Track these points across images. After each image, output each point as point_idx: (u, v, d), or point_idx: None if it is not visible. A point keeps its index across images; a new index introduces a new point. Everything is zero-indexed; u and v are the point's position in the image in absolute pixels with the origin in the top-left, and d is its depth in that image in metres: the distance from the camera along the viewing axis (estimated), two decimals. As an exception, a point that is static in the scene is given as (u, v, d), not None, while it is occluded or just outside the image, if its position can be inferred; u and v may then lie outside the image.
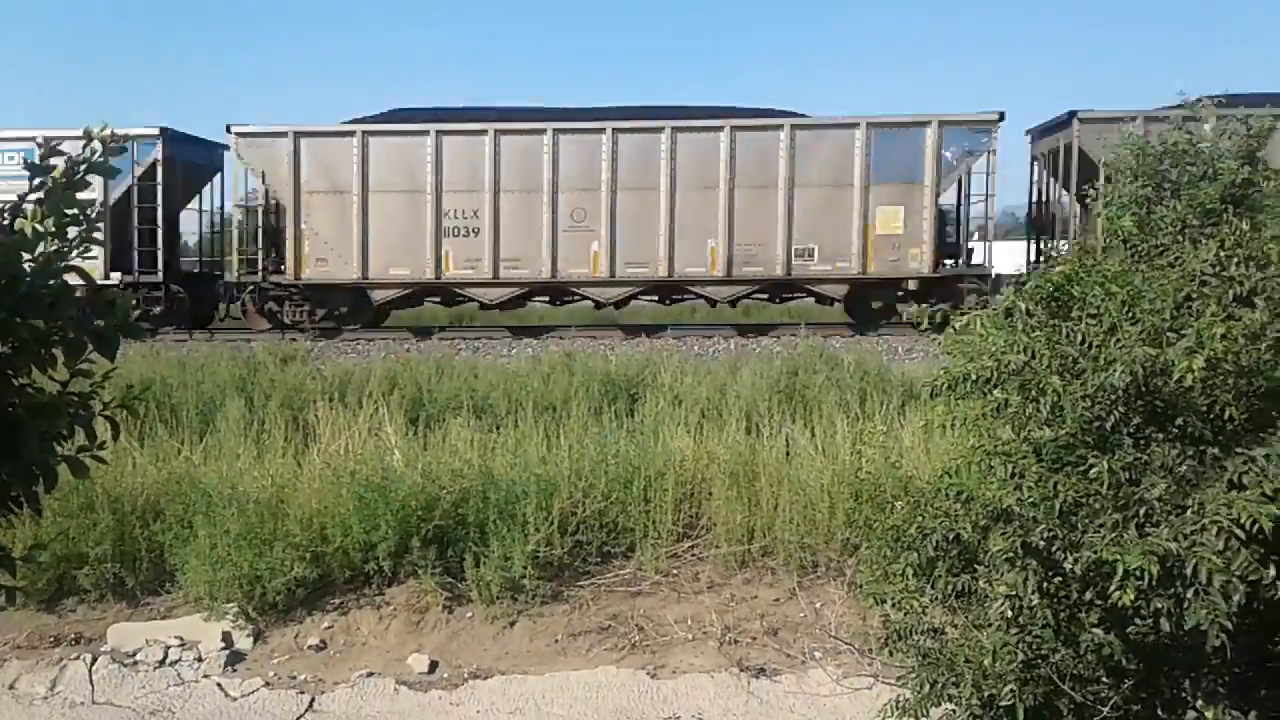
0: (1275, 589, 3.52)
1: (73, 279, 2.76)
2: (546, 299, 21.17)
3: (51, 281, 2.64)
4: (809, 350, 13.93)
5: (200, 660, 8.23)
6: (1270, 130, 4.95)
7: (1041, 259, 20.68)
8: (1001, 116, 19.47)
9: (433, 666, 8.04)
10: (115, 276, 19.98)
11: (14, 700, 7.92)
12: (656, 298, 20.91)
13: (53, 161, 2.75)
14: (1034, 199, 22.05)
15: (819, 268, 19.57)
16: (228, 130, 20.38)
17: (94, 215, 2.77)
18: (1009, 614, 3.86)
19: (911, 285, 19.51)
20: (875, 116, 19.45)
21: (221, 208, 23.65)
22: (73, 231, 2.73)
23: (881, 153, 19.27)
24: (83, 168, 2.77)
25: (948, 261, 19.86)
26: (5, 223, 2.70)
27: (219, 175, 23.28)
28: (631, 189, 19.56)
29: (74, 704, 7.86)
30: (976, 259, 20.35)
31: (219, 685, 7.97)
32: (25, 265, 2.65)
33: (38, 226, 2.64)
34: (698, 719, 7.37)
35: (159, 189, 20.60)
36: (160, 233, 20.72)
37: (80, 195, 2.72)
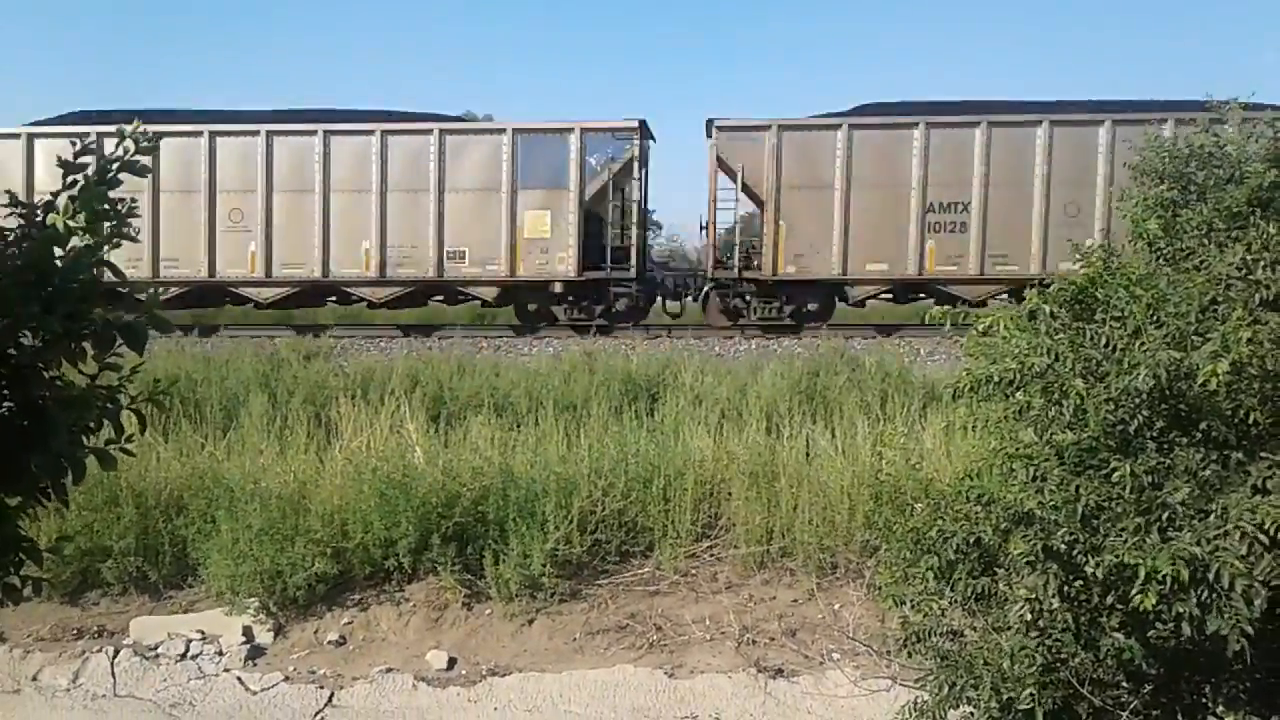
0: (1298, 594, 3.50)
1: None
2: (227, 300, 21.23)
3: (82, 276, 2.67)
4: (830, 351, 13.91)
5: (221, 654, 8.29)
6: None
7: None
8: (641, 124, 19.86)
9: (451, 663, 8.07)
10: None
11: (36, 692, 7.99)
12: (336, 299, 21.20)
13: (85, 159, 2.78)
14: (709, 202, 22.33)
15: (470, 270, 19.85)
16: None
17: (124, 211, 2.81)
18: (1029, 617, 3.85)
19: (558, 288, 19.80)
20: (521, 123, 19.86)
21: None
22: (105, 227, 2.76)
23: (528, 158, 19.59)
24: (115, 165, 2.80)
25: (597, 265, 20.02)
26: (37, 218, 2.73)
27: None
28: (288, 191, 19.85)
29: (96, 696, 7.93)
30: (631, 263, 20.39)
31: (239, 679, 8.03)
32: (56, 260, 2.68)
33: (69, 222, 2.68)
34: (715, 718, 7.37)
35: None
36: None
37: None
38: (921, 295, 20.10)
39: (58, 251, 2.69)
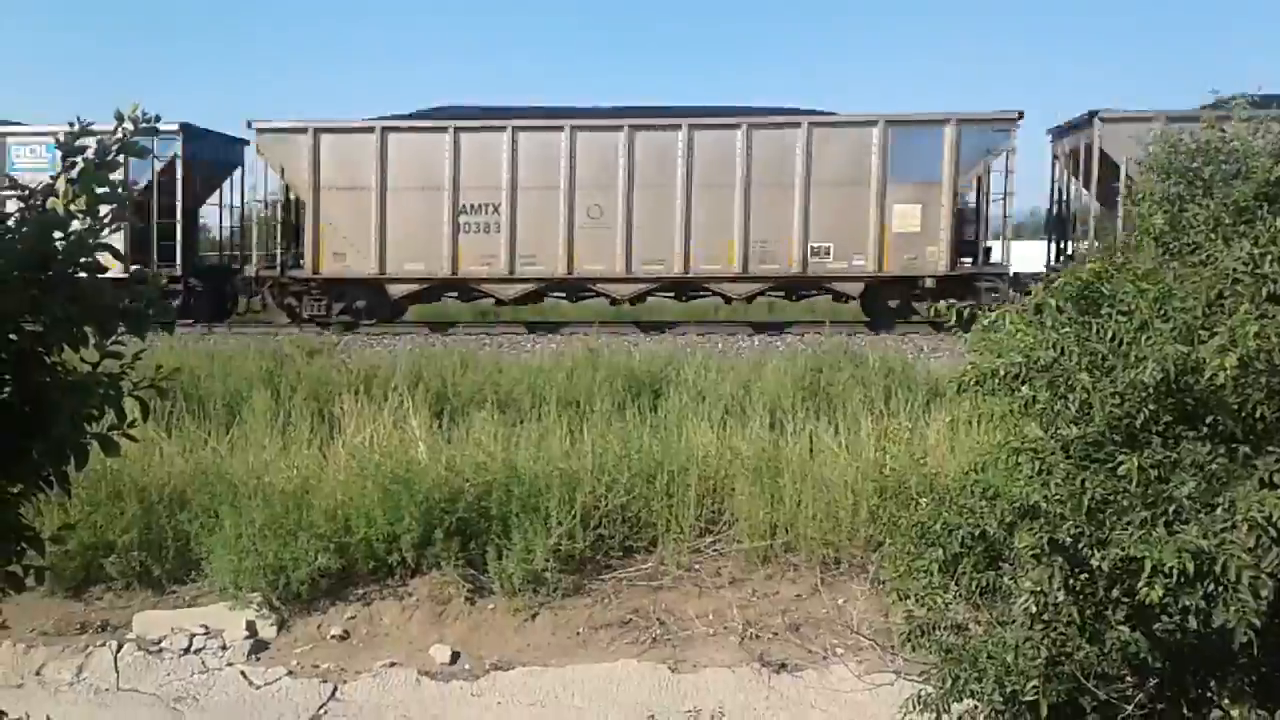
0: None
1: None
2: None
3: (83, 259, 2.66)
4: (833, 347, 13.89)
5: (224, 648, 8.28)
6: None
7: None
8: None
9: (454, 657, 8.06)
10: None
11: (40, 686, 7.99)
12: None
13: (84, 141, 2.77)
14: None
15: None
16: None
17: (124, 195, 2.79)
18: (1034, 610, 3.83)
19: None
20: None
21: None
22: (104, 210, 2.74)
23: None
24: (115, 148, 2.79)
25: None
26: (37, 202, 2.72)
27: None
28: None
29: (99, 690, 7.93)
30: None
31: (243, 673, 8.02)
32: (56, 244, 2.67)
33: (69, 206, 2.66)
34: (718, 713, 7.36)
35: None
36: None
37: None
38: None
39: (58, 235, 2.68)
